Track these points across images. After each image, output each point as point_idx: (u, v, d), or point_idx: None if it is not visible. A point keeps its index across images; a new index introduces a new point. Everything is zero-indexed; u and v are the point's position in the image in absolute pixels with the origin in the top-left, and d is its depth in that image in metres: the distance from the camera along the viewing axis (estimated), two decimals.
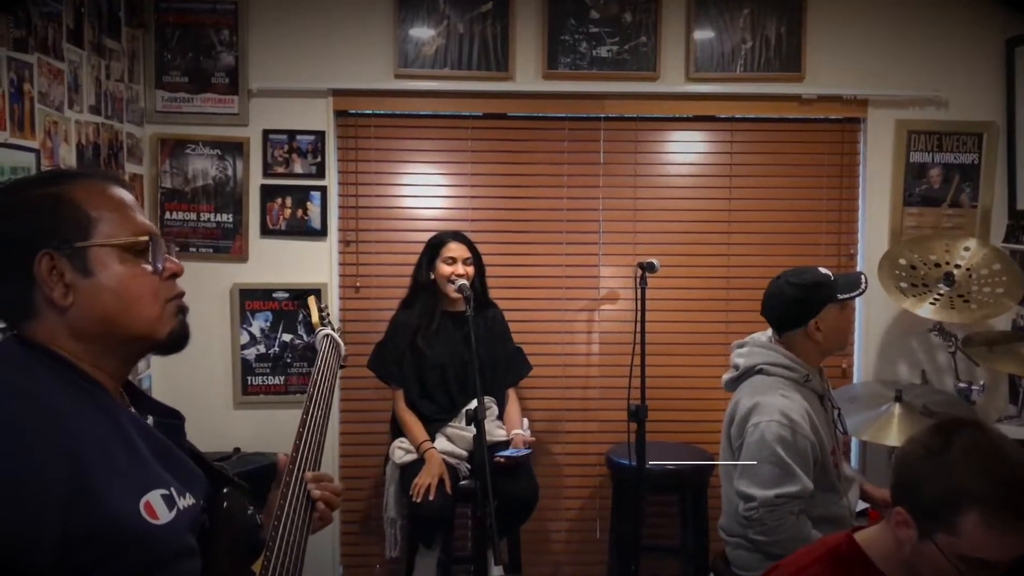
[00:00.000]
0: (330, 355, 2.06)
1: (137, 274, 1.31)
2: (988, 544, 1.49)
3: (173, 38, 3.76)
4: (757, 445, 2.56)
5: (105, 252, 1.28)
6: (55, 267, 1.25)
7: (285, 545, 1.41)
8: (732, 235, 4.00)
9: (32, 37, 2.78)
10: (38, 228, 1.26)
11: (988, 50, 3.90)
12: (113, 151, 3.42)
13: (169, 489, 1.26)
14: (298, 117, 3.83)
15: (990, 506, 1.48)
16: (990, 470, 1.50)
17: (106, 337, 1.29)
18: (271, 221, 3.85)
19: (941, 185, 3.95)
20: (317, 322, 2.36)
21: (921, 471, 1.57)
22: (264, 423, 3.86)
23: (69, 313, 1.26)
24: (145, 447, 1.28)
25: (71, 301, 1.26)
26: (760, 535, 2.56)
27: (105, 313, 1.28)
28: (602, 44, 3.83)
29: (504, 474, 3.25)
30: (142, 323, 1.31)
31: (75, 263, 1.26)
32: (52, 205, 1.27)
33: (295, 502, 1.50)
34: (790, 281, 2.74)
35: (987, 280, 3.56)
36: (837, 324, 2.73)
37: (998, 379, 3.90)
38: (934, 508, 1.53)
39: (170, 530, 1.23)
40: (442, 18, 3.80)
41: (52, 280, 1.25)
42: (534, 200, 3.98)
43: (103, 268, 1.28)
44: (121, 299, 1.29)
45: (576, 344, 4.03)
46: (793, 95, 3.89)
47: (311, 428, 1.69)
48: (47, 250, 1.25)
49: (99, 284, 1.27)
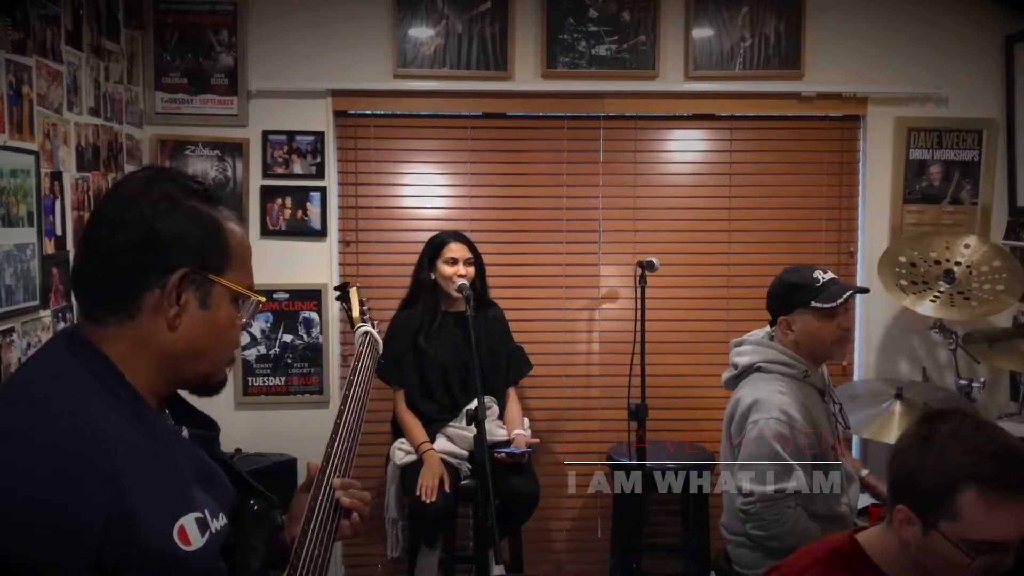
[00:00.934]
0: (367, 355, 1.99)
1: (235, 323, 1.33)
2: (991, 521, 1.49)
3: (172, 39, 3.75)
4: (756, 442, 2.57)
5: (226, 292, 1.30)
6: (182, 287, 1.25)
7: (309, 560, 1.40)
8: (732, 233, 4.00)
9: (31, 39, 2.78)
10: (193, 244, 1.26)
11: (988, 47, 3.89)
12: (112, 153, 3.42)
13: (203, 512, 1.24)
14: (297, 118, 3.83)
15: (984, 481, 1.49)
16: (979, 447, 1.52)
17: (179, 364, 1.29)
18: (271, 222, 3.85)
19: (941, 182, 3.94)
20: (358, 317, 2.23)
21: (913, 463, 1.58)
22: (265, 424, 3.86)
23: (166, 333, 1.25)
24: (182, 465, 1.26)
25: (179, 323, 1.26)
26: (758, 530, 2.58)
27: (198, 346, 1.29)
28: (601, 43, 3.83)
29: (505, 473, 3.26)
30: (214, 365, 1.34)
31: (200, 291, 1.27)
32: (213, 230, 1.28)
33: (322, 512, 1.49)
34: (780, 276, 2.80)
35: (987, 277, 3.56)
36: (812, 331, 2.69)
37: (999, 376, 3.90)
38: (932, 496, 1.54)
39: (201, 557, 1.21)
40: (441, 18, 3.80)
41: (173, 299, 1.25)
42: (534, 199, 3.98)
43: (218, 307, 1.29)
44: (216, 340, 1.31)
45: (576, 343, 4.03)
46: (792, 93, 3.89)
47: (343, 433, 1.68)
48: (188, 268, 1.25)
49: (209, 319, 1.28)
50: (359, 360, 1.95)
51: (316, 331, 3.89)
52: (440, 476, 3.23)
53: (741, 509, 2.60)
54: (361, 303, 2.31)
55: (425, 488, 3.18)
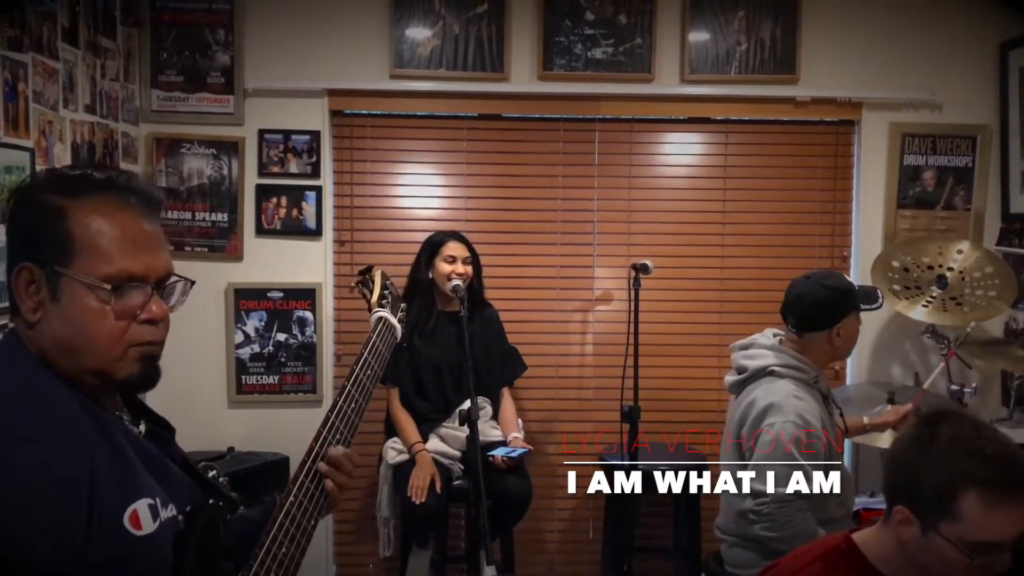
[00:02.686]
0: (380, 342, 1.89)
1: (102, 313, 1.25)
2: (990, 522, 1.51)
3: (169, 37, 3.75)
4: (772, 444, 2.59)
5: (76, 284, 1.24)
6: (34, 281, 1.23)
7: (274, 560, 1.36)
8: (726, 237, 4.01)
9: (27, 36, 2.78)
10: (33, 237, 1.24)
11: (982, 53, 3.91)
12: (108, 150, 3.42)
13: (155, 499, 1.24)
14: (293, 117, 3.83)
15: (986, 484, 1.51)
16: (979, 450, 1.53)
17: (62, 361, 1.25)
18: (266, 221, 3.86)
19: (935, 188, 3.96)
20: (375, 302, 2.11)
21: (914, 465, 1.60)
22: (258, 422, 3.86)
23: (33, 329, 1.25)
24: (132, 453, 1.26)
25: (37, 319, 1.24)
26: (767, 531, 2.59)
27: (64, 341, 1.24)
28: (597, 46, 3.84)
29: (498, 473, 3.26)
30: (97, 362, 1.26)
31: (50, 284, 1.23)
32: (52, 218, 1.24)
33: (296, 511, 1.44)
34: (824, 284, 2.74)
35: (980, 283, 3.57)
36: (852, 333, 2.78)
37: (991, 381, 3.91)
38: (933, 498, 1.55)
39: (151, 543, 1.21)
40: (438, 19, 3.81)
41: (27, 294, 1.24)
42: (529, 201, 3.99)
43: (71, 299, 1.24)
44: (79, 334, 1.24)
45: (570, 345, 4.04)
46: (787, 97, 3.90)
47: (335, 422, 1.61)
48: (29, 263, 1.23)
49: (63, 313, 1.24)
50: (370, 346, 1.84)
51: (310, 330, 3.89)
52: (431, 476, 3.23)
53: (752, 510, 2.61)
54: (384, 287, 2.17)
55: (415, 488, 3.19)
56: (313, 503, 1.48)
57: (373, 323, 1.98)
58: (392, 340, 1.97)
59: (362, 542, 3.97)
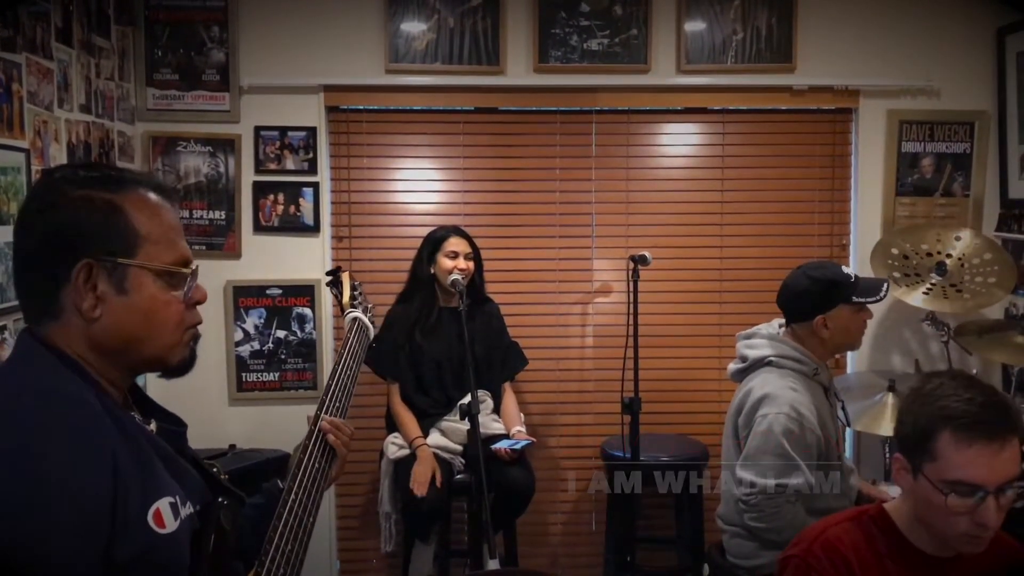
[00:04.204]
0: (355, 343, 1.96)
1: (168, 301, 1.29)
2: (963, 460, 1.58)
3: (163, 35, 3.75)
4: (764, 436, 2.59)
5: (144, 273, 1.26)
6: (92, 277, 1.23)
7: (281, 555, 1.41)
8: (724, 227, 4.00)
9: (20, 36, 2.77)
10: (88, 233, 1.23)
11: (979, 39, 3.89)
12: (104, 150, 3.42)
13: (175, 496, 1.25)
14: (289, 113, 3.83)
15: (957, 422, 1.59)
16: (958, 394, 1.62)
17: (121, 354, 1.27)
18: (263, 218, 3.85)
19: (933, 175, 3.95)
20: (347, 303, 2.21)
21: (904, 413, 1.70)
22: (259, 420, 3.86)
23: (93, 325, 1.24)
24: (152, 452, 1.27)
25: (99, 314, 1.24)
26: (756, 521, 2.60)
27: (129, 333, 1.26)
28: (593, 37, 3.83)
29: (500, 466, 3.26)
30: (160, 348, 1.30)
31: (113, 278, 1.24)
32: (107, 213, 1.25)
33: (298, 508, 1.49)
34: (808, 274, 2.75)
35: (979, 269, 3.57)
36: (847, 325, 2.75)
37: (991, 368, 3.91)
38: (915, 439, 1.65)
39: (173, 540, 1.22)
40: (432, 12, 3.80)
41: (86, 290, 1.23)
42: (526, 194, 3.98)
43: (138, 289, 1.26)
44: (148, 322, 1.27)
45: (570, 337, 4.03)
46: (784, 86, 3.89)
47: (318, 441, 1.67)
48: (90, 259, 1.23)
49: (131, 304, 1.26)
50: (346, 347, 1.91)
51: (310, 327, 3.89)
52: (432, 471, 3.23)
53: (741, 499, 2.62)
54: (353, 288, 2.28)
55: (416, 483, 3.19)
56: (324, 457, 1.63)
57: (348, 323, 2.02)
58: (366, 340, 2.02)
59: (365, 537, 3.98)
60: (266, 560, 1.39)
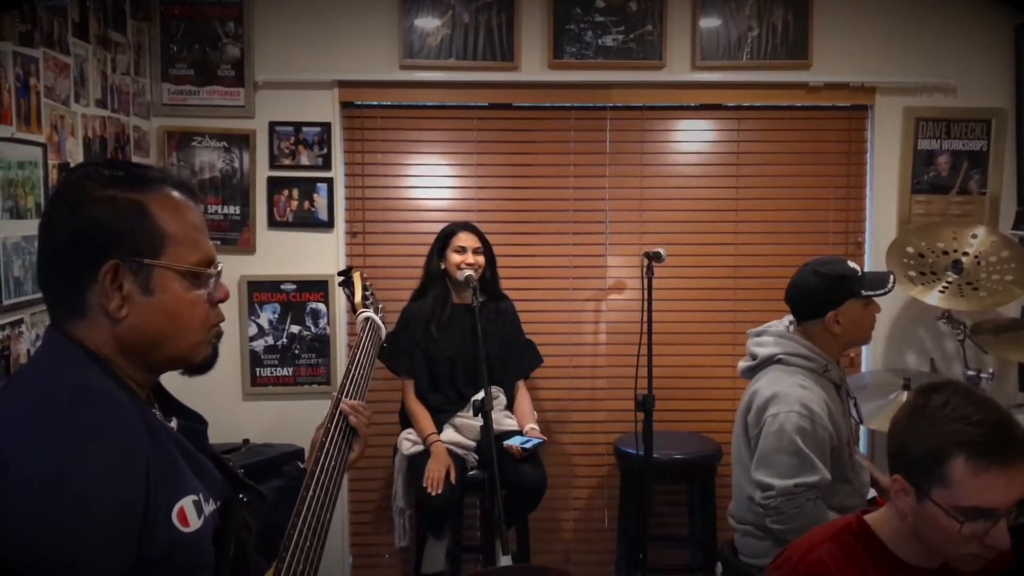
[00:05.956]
0: (368, 343, 1.97)
1: (193, 300, 1.30)
2: (979, 487, 1.52)
3: (179, 31, 3.76)
4: (776, 435, 2.57)
5: (169, 273, 1.26)
6: (118, 278, 1.23)
7: (300, 551, 1.42)
8: (739, 224, 3.99)
9: (37, 31, 2.78)
10: (114, 234, 1.23)
11: (997, 36, 3.87)
12: (120, 144, 3.43)
13: (199, 495, 1.25)
14: (304, 109, 3.83)
15: (973, 448, 1.53)
16: (968, 416, 1.55)
17: (147, 353, 1.28)
18: (278, 213, 3.86)
19: (949, 172, 3.93)
20: (360, 303, 2.21)
21: (907, 433, 1.63)
22: (273, 415, 3.87)
23: (119, 325, 1.24)
24: (176, 450, 1.27)
25: (125, 314, 1.24)
26: (777, 523, 2.57)
27: (154, 332, 1.27)
28: (608, 33, 3.82)
29: (512, 463, 3.26)
30: (185, 347, 1.31)
31: (139, 278, 1.24)
32: (134, 214, 1.25)
33: (315, 504, 1.50)
34: (816, 270, 2.74)
35: (996, 267, 3.55)
36: (858, 319, 2.74)
37: (1007, 367, 3.89)
38: (924, 463, 1.58)
39: (197, 539, 1.22)
40: (447, 8, 3.79)
41: (112, 290, 1.23)
42: (540, 190, 3.98)
43: (164, 289, 1.26)
44: (173, 322, 1.28)
45: (583, 334, 4.03)
46: (800, 83, 3.87)
47: (339, 424, 1.69)
48: (116, 260, 1.23)
49: (156, 304, 1.26)
50: (359, 347, 1.92)
51: (323, 322, 3.90)
52: (446, 467, 3.23)
53: (760, 503, 2.59)
54: (364, 288, 2.29)
55: (431, 480, 3.19)
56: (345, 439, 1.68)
57: (360, 323, 2.04)
58: (378, 340, 2.04)
59: (378, 532, 3.99)
60: (286, 556, 1.39)
